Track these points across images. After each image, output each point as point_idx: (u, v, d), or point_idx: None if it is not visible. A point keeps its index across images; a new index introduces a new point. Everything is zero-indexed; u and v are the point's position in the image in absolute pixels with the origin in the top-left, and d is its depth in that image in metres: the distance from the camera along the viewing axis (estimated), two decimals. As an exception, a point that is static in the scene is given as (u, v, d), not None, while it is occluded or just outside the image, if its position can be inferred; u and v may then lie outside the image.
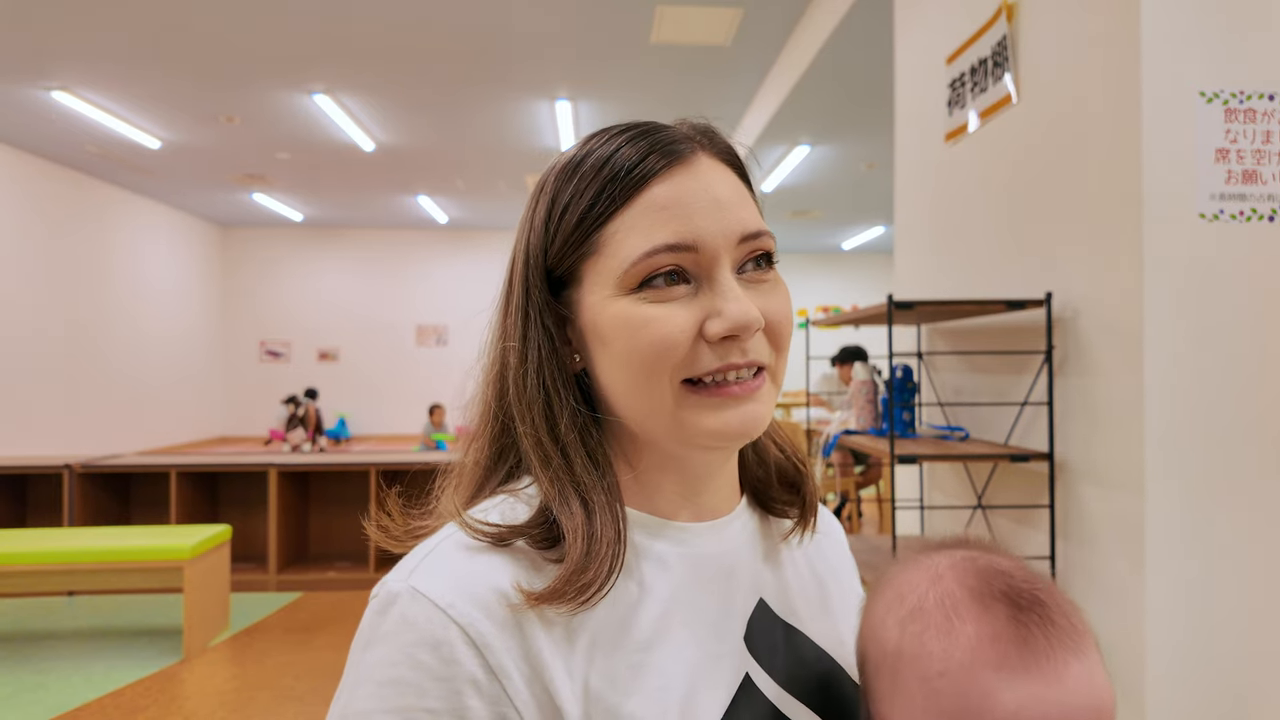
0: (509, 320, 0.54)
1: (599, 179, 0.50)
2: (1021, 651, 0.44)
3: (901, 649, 0.48)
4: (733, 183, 0.53)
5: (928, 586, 0.49)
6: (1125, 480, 1.61)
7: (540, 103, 6.17)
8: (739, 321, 0.48)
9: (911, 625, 0.48)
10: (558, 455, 0.51)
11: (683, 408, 0.50)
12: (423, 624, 0.45)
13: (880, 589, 0.53)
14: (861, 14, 3.90)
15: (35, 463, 4.52)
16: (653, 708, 0.47)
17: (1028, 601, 0.46)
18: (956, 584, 0.48)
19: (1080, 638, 0.45)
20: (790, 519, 0.62)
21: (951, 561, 0.50)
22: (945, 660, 0.45)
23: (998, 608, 0.46)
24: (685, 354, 0.49)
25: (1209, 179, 1.55)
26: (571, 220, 0.51)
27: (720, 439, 0.51)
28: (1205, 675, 1.54)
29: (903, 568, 0.53)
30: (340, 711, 0.45)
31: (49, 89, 5.89)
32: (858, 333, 10.83)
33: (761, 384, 0.51)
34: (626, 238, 0.49)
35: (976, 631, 0.45)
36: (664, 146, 0.51)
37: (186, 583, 3.38)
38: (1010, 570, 0.48)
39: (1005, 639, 0.44)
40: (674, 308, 0.49)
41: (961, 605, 0.47)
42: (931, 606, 0.48)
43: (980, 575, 0.48)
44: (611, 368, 0.51)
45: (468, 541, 0.49)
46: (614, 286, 0.50)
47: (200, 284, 11.04)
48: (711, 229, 0.49)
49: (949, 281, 2.44)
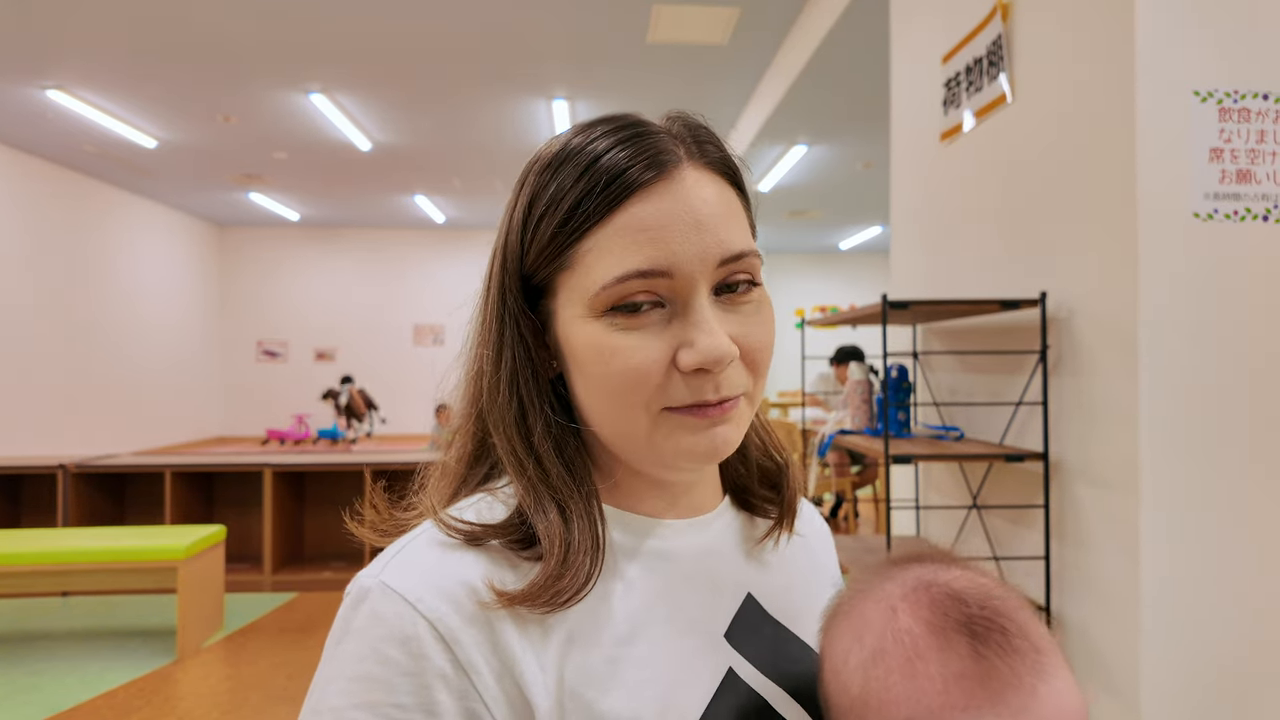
0: (485, 323, 0.53)
1: (576, 189, 0.48)
2: (987, 687, 0.44)
3: (867, 696, 0.47)
4: (719, 196, 0.50)
5: (884, 624, 0.48)
6: (1120, 480, 1.61)
7: (537, 102, 6.16)
8: (710, 356, 0.47)
9: (874, 670, 0.47)
10: (532, 463, 0.51)
11: (657, 430, 0.49)
12: (392, 619, 0.45)
13: (837, 626, 0.52)
14: (858, 13, 3.90)
15: (30, 463, 4.51)
16: (631, 702, 0.46)
17: (985, 629, 0.45)
18: (913, 620, 0.47)
19: (1042, 656, 0.45)
20: (771, 518, 0.61)
21: (904, 591, 0.49)
22: (914, 705, 0.44)
23: (958, 642, 0.45)
24: (658, 384, 0.48)
25: (1203, 178, 1.55)
26: (546, 232, 0.49)
27: (689, 461, 0.50)
28: (1200, 674, 1.54)
29: (856, 599, 0.52)
30: (312, 706, 0.45)
31: (45, 88, 5.88)
32: (854, 332, 10.83)
33: (735, 406, 0.50)
34: (600, 259, 0.47)
35: (941, 672, 0.44)
36: (647, 158, 0.48)
37: (181, 583, 3.37)
38: (965, 593, 0.47)
39: (969, 676, 0.44)
40: (645, 337, 0.47)
41: (921, 644, 0.46)
42: (891, 648, 0.47)
43: (936, 606, 0.47)
44: (585, 390, 0.50)
45: (442, 538, 0.49)
46: (584, 306, 0.48)
47: (197, 284, 11.02)
48: (688, 253, 0.47)
49: (944, 281, 2.44)
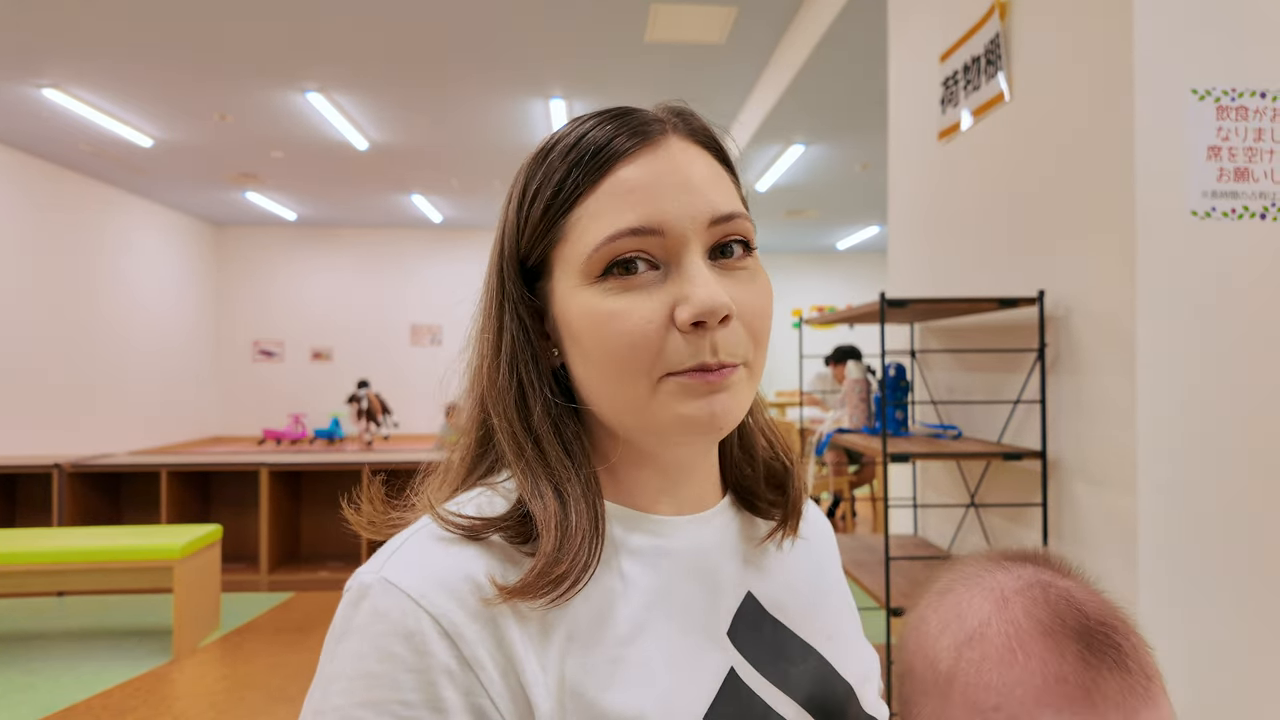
0: (487, 311, 0.54)
1: (565, 163, 0.49)
2: (1089, 697, 0.41)
3: (955, 674, 0.45)
4: (706, 164, 0.51)
5: (992, 612, 0.45)
6: (1118, 478, 1.61)
7: (535, 101, 6.16)
8: (706, 306, 0.46)
9: (969, 652, 0.45)
10: (530, 445, 0.50)
11: (656, 398, 0.48)
12: (395, 615, 0.44)
13: (936, 601, 0.50)
14: (855, 12, 3.90)
15: (25, 462, 4.49)
16: (633, 701, 0.46)
17: (1101, 643, 0.43)
18: (1024, 614, 0.44)
19: (1151, 683, 0.43)
20: (774, 520, 0.60)
21: (1020, 585, 0.46)
22: (1003, 695, 0.42)
23: (1068, 646, 0.43)
24: (658, 347, 0.47)
25: (1201, 176, 1.55)
26: (539, 209, 0.50)
27: (689, 428, 0.48)
28: (1199, 674, 1.54)
29: (964, 582, 0.49)
30: (315, 707, 0.44)
31: (40, 86, 5.86)
32: (852, 332, 10.84)
33: (734, 373, 0.48)
34: (592, 223, 0.48)
35: (1042, 670, 0.42)
36: (631, 129, 0.49)
37: (177, 583, 3.36)
38: (1084, 603, 0.45)
39: (1073, 682, 0.41)
40: (639, 298, 0.47)
41: (1028, 638, 0.43)
42: (994, 635, 0.44)
43: (1052, 607, 0.44)
44: (583, 363, 0.50)
45: (441, 533, 0.48)
46: (579, 274, 0.48)
47: (193, 283, 11.00)
48: (678, 211, 0.48)
49: (942, 279, 2.44)
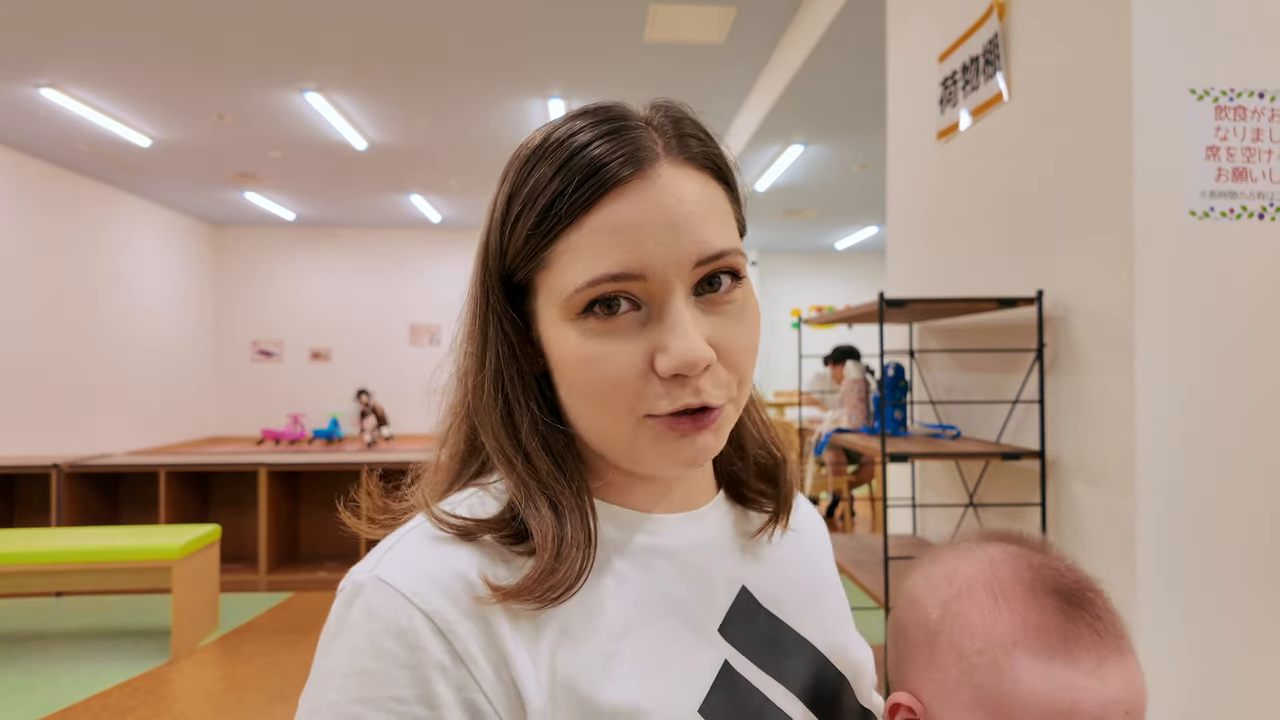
0: (471, 320, 0.53)
1: (551, 188, 0.47)
2: (1065, 641, 0.45)
3: (943, 625, 0.48)
4: (698, 193, 0.48)
5: (979, 571, 0.49)
6: (1116, 478, 1.61)
7: (533, 101, 6.15)
8: (684, 359, 0.45)
9: (956, 604, 0.48)
10: (521, 460, 0.50)
11: (638, 438, 0.48)
12: (388, 613, 0.44)
13: (927, 569, 0.53)
14: (854, 12, 3.90)
15: (23, 462, 4.48)
16: (626, 695, 0.46)
17: (1078, 599, 0.46)
18: (1009, 573, 0.49)
19: (1122, 640, 0.46)
20: (766, 512, 0.61)
21: (1005, 555, 0.50)
22: (986, 638, 0.46)
23: (1048, 600, 0.46)
24: (637, 391, 0.47)
25: (1199, 176, 1.55)
26: (522, 233, 0.49)
27: (671, 465, 0.49)
28: (1197, 671, 1.54)
29: (954, 553, 0.53)
30: (309, 704, 0.45)
31: (38, 86, 5.86)
32: (851, 331, 10.85)
33: (717, 417, 0.49)
34: (573, 261, 0.47)
35: (1023, 617, 0.46)
36: (624, 155, 0.47)
37: (175, 583, 3.35)
38: (1064, 569, 0.49)
39: (1050, 629, 0.45)
40: (619, 342, 0.47)
41: (1010, 591, 0.47)
42: (980, 589, 0.48)
43: (1034, 569, 0.48)
44: (568, 393, 0.50)
45: (434, 532, 0.49)
46: (560, 309, 0.48)
47: (192, 283, 10.99)
48: (662, 255, 0.46)
49: (941, 279, 2.44)
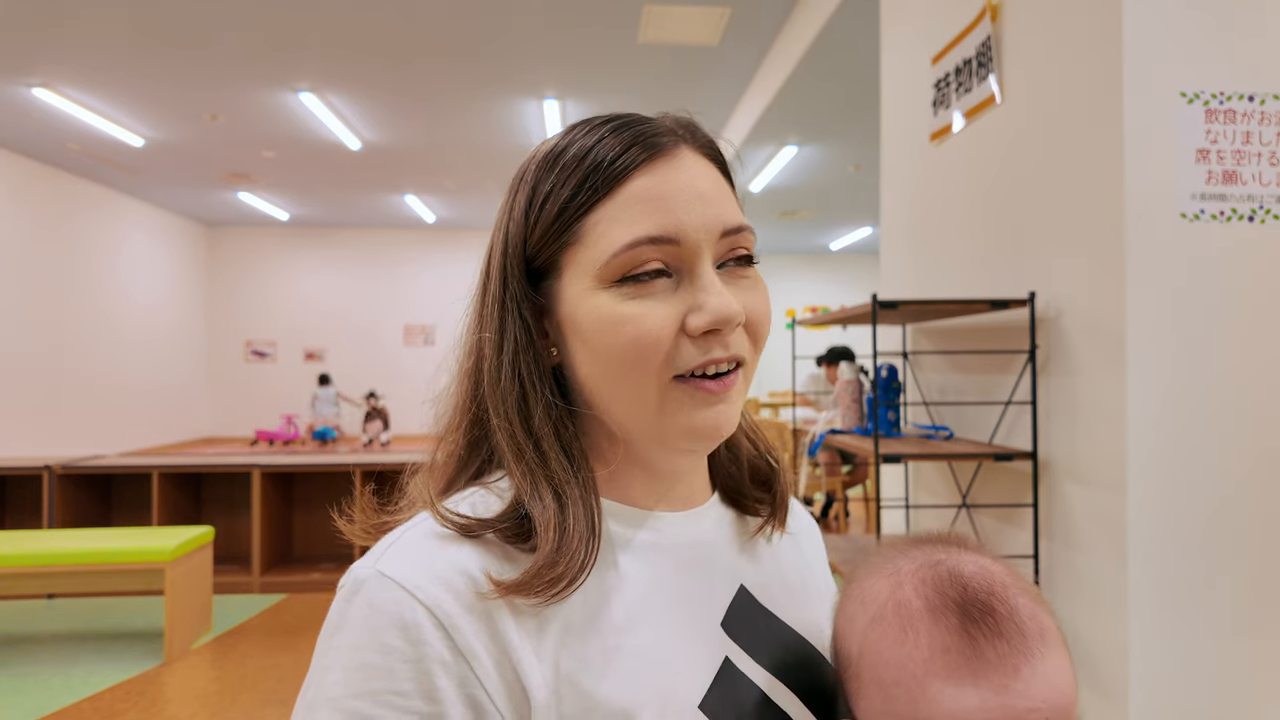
0: (485, 311, 0.54)
1: (581, 169, 0.50)
2: (970, 662, 0.46)
3: (863, 655, 0.50)
4: (714, 177, 0.53)
5: (888, 594, 0.51)
6: (1108, 478, 1.61)
7: (528, 102, 6.15)
8: (721, 315, 0.48)
9: (871, 634, 0.50)
10: (531, 448, 0.51)
11: (665, 405, 0.50)
12: (390, 607, 0.44)
13: (850, 590, 0.55)
14: (848, 14, 3.91)
15: (15, 464, 4.46)
16: (628, 691, 0.47)
17: (979, 612, 0.48)
18: (914, 593, 0.50)
19: (1028, 641, 0.47)
20: (761, 516, 0.62)
21: (913, 568, 0.52)
22: (899, 670, 0.48)
23: (949, 620, 0.48)
24: (668, 350, 0.49)
25: (1190, 179, 1.56)
26: (553, 210, 0.51)
27: (694, 438, 0.51)
28: (1188, 672, 1.55)
29: (870, 570, 0.55)
30: (310, 699, 0.45)
31: (30, 85, 5.83)
32: (844, 333, 10.87)
33: (735, 381, 0.51)
34: (609, 228, 0.49)
35: (929, 643, 0.48)
36: (647, 139, 0.51)
37: (168, 585, 3.34)
38: (969, 577, 0.50)
39: (954, 650, 0.47)
40: (653, 303, 0.49)
41: (915, 617, 0.49)
42: (889, 616, 0.50)
43: (936, 585, 0.50)
44: (590, 362, 0.51)
45: (437, 529, 0.49)
46: (594, 278, 0.49)
47: (185, 284, 10.95)
48: (694, 222, 0.49)
49: (934, 281, 2.45)
